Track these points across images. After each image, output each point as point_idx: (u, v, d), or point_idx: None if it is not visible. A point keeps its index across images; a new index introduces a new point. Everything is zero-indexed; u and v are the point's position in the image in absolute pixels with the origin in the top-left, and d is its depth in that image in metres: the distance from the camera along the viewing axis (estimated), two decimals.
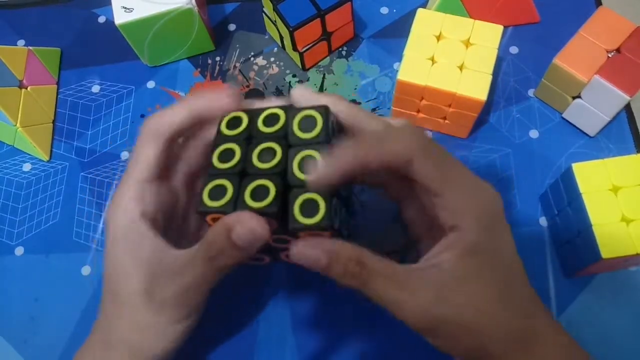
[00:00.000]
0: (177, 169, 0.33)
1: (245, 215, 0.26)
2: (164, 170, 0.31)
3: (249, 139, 0.29)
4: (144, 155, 0.30)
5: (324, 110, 0.28)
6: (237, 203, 0.26)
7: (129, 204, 0.29)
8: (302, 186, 0.26)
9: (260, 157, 0.27)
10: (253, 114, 0.29)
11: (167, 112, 0.31)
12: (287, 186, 0.27)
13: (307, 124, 0.27)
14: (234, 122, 0.29)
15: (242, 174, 0.27)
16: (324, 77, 0.49)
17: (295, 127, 0.28)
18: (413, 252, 0.32)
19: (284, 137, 0.28)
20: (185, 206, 0.33)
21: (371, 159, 0.26)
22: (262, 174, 0.27)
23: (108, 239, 0.30)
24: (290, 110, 0.28)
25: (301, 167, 0.27)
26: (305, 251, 0.26)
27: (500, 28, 0.41)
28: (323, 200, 0.26)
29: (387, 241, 0.33)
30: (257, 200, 0.26)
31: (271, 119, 0.29)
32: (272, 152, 0.27)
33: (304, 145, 0.27)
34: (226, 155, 0.28)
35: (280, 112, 0.29)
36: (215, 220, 0.27)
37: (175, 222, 0.33)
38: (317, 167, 0.26)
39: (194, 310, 0.30)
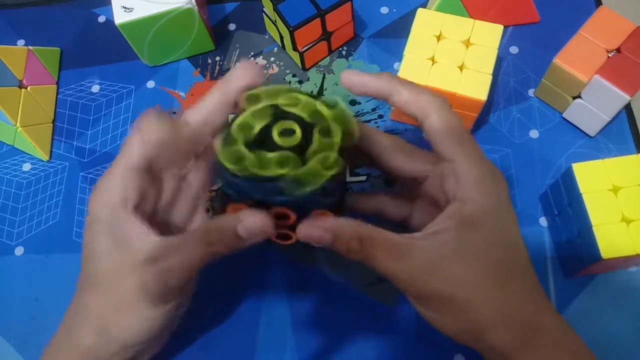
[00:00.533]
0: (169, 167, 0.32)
1: (255, 212, 0.27)
2: (152, 164, 0.31)
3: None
4: (133, 143, 0.30)
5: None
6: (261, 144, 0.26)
7: (111, 188, 0.29)
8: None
9: (283, 133, 0.27)
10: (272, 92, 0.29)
11: (201, 102, 0.31)
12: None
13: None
14: (253, 99, 0.28)
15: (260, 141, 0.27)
16: (324, 77, 0.49)
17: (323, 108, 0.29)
18: None
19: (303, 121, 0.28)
20: (170, 199, 0.33)
21: (399, 95, 0.29)
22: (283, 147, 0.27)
23: (87, 220, 0.30)
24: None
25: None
26: (310, 231, 0.27)
27: (500, 28, 0.41)
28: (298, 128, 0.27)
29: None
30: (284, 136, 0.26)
31: (288, 132, 0.28)
32: (292, 130, 0.27)
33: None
34: (247, 129, 0.27)
35: (296, 127, 0.28)
36: (235, 210, 0.27)
37: (159, 215, 0.32)
38: (353, 74, 0.29)
39: (173, 296, 0.29)
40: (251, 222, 0.27)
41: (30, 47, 0.48)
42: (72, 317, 0.31)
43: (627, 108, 0.44)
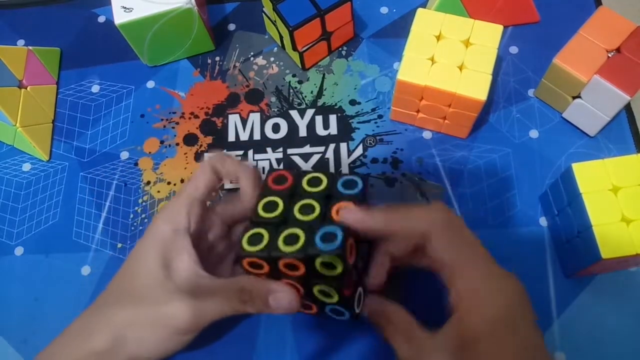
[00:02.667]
0: (225, 210, 0.36)
1: (288, 289, 0.30)
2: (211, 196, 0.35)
3: (293, 195, 0.32)
4: (201, 176, 0.34)
5: (366, 176, 0.34)
6: (271, 247, 0.29)
7: (178, 215, 0.32)
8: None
9: (302, 211, 0.31)
10: (298, 175, 0.33)
11: (230, 156, 0.35)
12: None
13: (349, 184, 0.32)
14: (280, 180, 0.33)
15: (281, 223, 0.31)
16: (323, 77, 0.49)
17: (339, 185, 0.32)
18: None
19: (325, 197, 0.32)
20: (215, 242, 0.36)
21: (395, 225, 0.31)
22: (299, 223, 0.30)
23: (148, 231, 0.32)
24: (333, 174, 0.33)
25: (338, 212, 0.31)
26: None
27: (500, 28, 0.41)
28: (342, 231, 0.29)
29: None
30: (288, 244, 0.29)
31: (314, 182, 0.33)
32: (312, 207, 0.31)
33: (343, 198, 0.31)
34: (270, 207, 0.31)
35: (323, 176, 0.33)
36: (250, 264, 0.30)
37: (202, 251, 0.34)
38: (353, 211, 0.30)
39: (197, 331, 0.31)
40: (282, 297, 0.30)
41: (30, 47, 0.48)
42: (90, 318, 0.32)
43: (627, 108, 0.44)
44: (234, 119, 0.47)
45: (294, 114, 0.47)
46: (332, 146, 0.45)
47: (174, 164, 0.46)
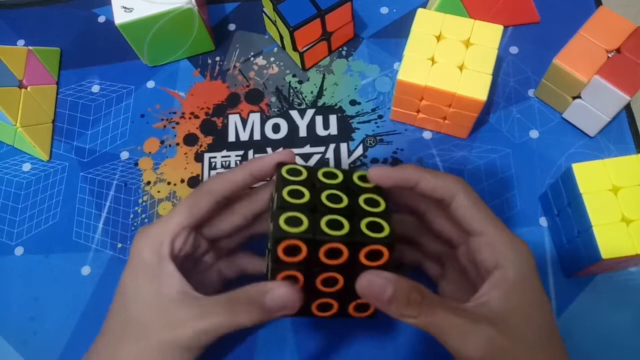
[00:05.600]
0: (211, 230, 0.35)
1: (283, 282, 0.28)
2: (204, 223, 0.34)
3: (313, 185, 0.31)
4: (193, 204, 0.32)
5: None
6: (315, 230, 0.27)
7: (161, 242, 0.31)
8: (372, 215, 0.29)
9: (329, 199, 0.29)
10: (310, 169, 0.32)
11: (227, 172, 0.34)
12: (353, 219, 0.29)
13: (364, 178, 0.32)
14: (294, 172, 0.31)
15: (313, 209, 0.29)
16: (324, 77, 0.49)
17: (355, 179, 0.32)
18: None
19: (347, 188, 0.31)
20: (207, 264, 0.36)
21: (426, 180, 0.31)
22: (332, 211, 0.29)
23: (134, 263, 0.31)
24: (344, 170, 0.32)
25: (367, 203, 0.30)
26: (373, 279, 0.27)
27: (500, 28, 0.41)
28: (386, 222, 0.29)
29: None
30: (333, 229, 0.27)
31: (330, 175, 0.32)
32: (339, 197, 0.30)
33: (366, 190, 0.31)
34: (296, 194, 0.29)
35: (337, 171, 0.32)
36: (286, 250, 0.27)
37: (195, 275, 0.34)
38: (379, 169, 0.32)
39: (199, 351, 0.30)
40: (279, 292, 0.28)
41: (30, 47, 0.48)
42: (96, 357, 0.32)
43: (627, 108, 0.44)
44: (234, 119, 0.47)
45: (294, 114, 0.47)
46: (332, 146, 0.45)
47: (174, 164, 0.46)
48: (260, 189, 0.36)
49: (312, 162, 0.45)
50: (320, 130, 0.46)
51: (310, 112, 0.47)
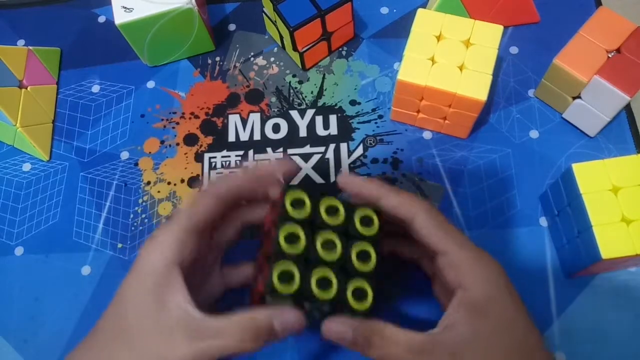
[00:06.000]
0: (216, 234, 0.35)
1: (289, 308, 0.29)
2: (209, 228, 0.33)
3: (312, 222, 0.31)
4: (197, 207, 0.32)
5: (380, 211, 0.32)
6: (303, 291, 0.29)
7: (169, 247, 0.30)
8: (360, 275, 0.31)
9: (324, 247, 0.31)
10: (315, 199, 0.32)
11: (232, 176, 0.33)
12: (344, 273, 0.31)
13: (366, 221, 0.32)
14: (298, 203, 0.31)
15: (306, 259, 0.30)
16: (324, 77, 0.49)
17: (356, 221, 0.32)
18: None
19: (344, 231, 0.32)
20: (208, 269, 0.35)
21: (388, 199, 0.32)
22: (324, 263, 0.30)
23: (138, 269, 0.30)
24: (349, 204, 0.32)
25: (359, 258, 0.31)
26: (334, 327, 0.30)
27: (500, 28, 0.41)
28: (371, 289, 0.30)
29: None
30: (322, 288, 0.30)
31: (332, 210, 0.32)
32: (334, 244, 0.31)
33: (361, 239, 0.31)
34: (292, 239, 0.30)
35: (339, 205, 0.32)
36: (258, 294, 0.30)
37: (195, 280, 0.34)
38: (348, 177, 0.33)
39: None
40: (288, 316, 0.29)
41: (30, 47, 0.48)
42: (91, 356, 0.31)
43: (627, 108, 0.44)
44: (234, 119, 0.47)
45: (294, 114, 0.47)
46: (332, 146, 0.45)
47: (174, 164, 0.46)
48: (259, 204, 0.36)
49: (312, 162, 0.45)
50: (320, 130, 0.46)
51: (310, 112, 0.47)
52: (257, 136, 0.47)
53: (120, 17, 0.44)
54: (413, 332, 0.29)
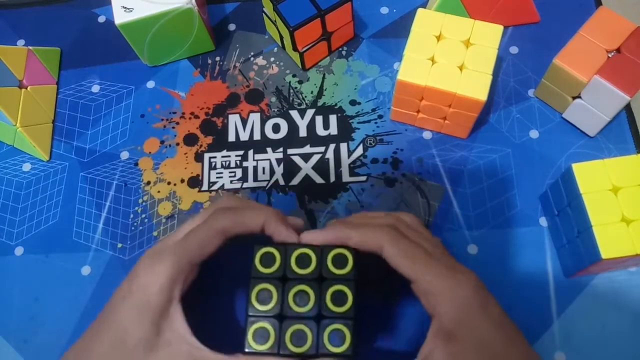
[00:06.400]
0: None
1: None
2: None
3: (283, 277, 0.32)
4: (208, 245, 0.32)
5: (355, 251, 0.32)
6: (280, 345, 0.30)
7: (174, 279, 0.30)
8: (338, 318, 0.31)
9: (296, 300, 0.31)
10: (285, 250, 0.32)
11: (246, 214, 0.33)
12: (321, 319, 0.31)
13: (340, 260, 0.32)
14: (268, 260, 0.32)
15: (280, 315, 0.31)
16: (324, 77, 0.49)
17: (329, 264, 0.32)
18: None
19: (316, 279, 0.32)
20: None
21: (353, 239, 0.32)
22: (299, 317, 0.31)
23: (133, 300, 0.30)
24: (322, 249, 0.32)
25: (333, 301, 0.31)
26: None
27: (500, 28, 0.41)
28: (349, 332, 0.30)
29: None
30: (296, 345, 0.30)
31: (304, 260, 0.32)
32: (307, 295, 0.31)
33: (335, 280, 0.32)
34: (264, 296, 0.31)
35: (311, 253, 0.32)
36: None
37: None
38: (309, 234, 0.33)
39: None
40: None
41: (30, 47, 0.48)
42: None
43: (627, 108, 0.44)
44: (234, 119, 0.47)
45: (294, 114, 0.47)
46: (332, 146, 0.45)
47: (174, 164, 0.46)
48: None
49: (312, 162, 0.45)
50: (320, 130, 0.46)
51: (310, 112, 0.47)
52: (257, 136, 0.47)
53: (120, 17, 0.44)
54: None
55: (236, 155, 0.46)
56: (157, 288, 0.30)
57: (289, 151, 0.46)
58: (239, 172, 0.45)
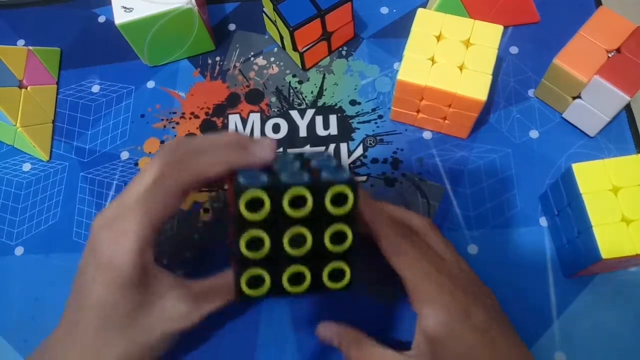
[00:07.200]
0: None
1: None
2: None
3: (275, 222, 0.27)
4: (168, 207, 0.29)
5: (355, 185, 0.28)
6: (276, 289, 0.28)
7: (143, 251, 0.28)
8: (334, 258, 0.28)
9: (292, 244, 0.27)
10: (275, 193, 0.27)
11: (203, 160, 0.29)
12: (319, 258, 0.28)
13: (339, 199, 0.28)
14: (255, 204, 0.26)
15: (275, 259, 0.28)
16: (324, 77, 0.49)
17: (327, 203, 0.27)
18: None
19: (312, 220, 0.27)
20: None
21: (364, 214, 0.32)
22: (295, 259, 0.28)
23: (113, 277, 0.28)
24: (318, 188, 0.28)
25: (332, 241, 0.28)
26: (322, 332, 0.34)
27: (500, 28, 0.41)
28: (349, 268, 0.29)
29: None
30: (293, 285, 0.28)
31: (299, 201, 0.27)
32: (303, 238, 0.27)
33: (333, 219, 0.28)
34: (255, 244, 0.27)
35: (307, 193, 0.27)
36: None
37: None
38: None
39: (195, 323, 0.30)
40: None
41: (31, 47, 0.48)
42: (60, 342, 0.30)
43: (627, 108, 0.44)
44: (234, 119, 0.47)
45: (294, 114, 0.47)
46: (332, 146, 0.45)
47: None
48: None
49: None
50: (320, 130, 0.46)
51: (310, 112, 0.47)
52: (257, 136, 0.47)
53: (120, 17, 0.44)
54: (390, 351, 0.31)
55: None
56: (129, 263, 0.28)
57: (289, 151, 0.46)
58: None
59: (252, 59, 0.50)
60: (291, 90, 0.48)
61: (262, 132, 0.47)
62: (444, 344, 0.30)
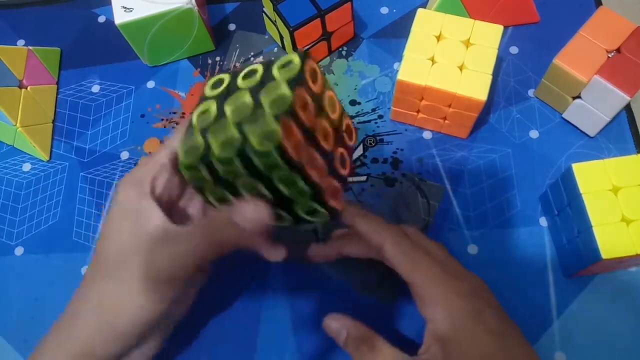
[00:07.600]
0: None
1: (249, 200, 0.28)
2: None
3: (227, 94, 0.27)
4: (173, 142, 0.31)
5: (305, 56, 0.27)
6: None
7: (142, 179, 0.31)
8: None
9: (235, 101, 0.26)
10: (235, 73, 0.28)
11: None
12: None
13: (287, 66, 0.27)
14: (217, 83, 0.28)
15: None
16: None
17: (275, 71, 0.27)
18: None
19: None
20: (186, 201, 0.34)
21: (359, 224, 0.32)
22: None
23: (113, 205, 0.31)
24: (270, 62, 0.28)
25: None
26: (332, 324, 0.32)
27: (500, 28, 0.41)
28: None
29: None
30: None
31: (250, 73, 0.27)
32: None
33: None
34: (204, 114, 0.27)
35: (259, 67, 0.27)
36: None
37: (176, 211, 0.33)
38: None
39: (175, 285, 0.30)
40: (246, 209, 0.28)
41: (31, 47, 0.48)
42: (76, 303, 0.32)
43: (627, 108, 0.44)
44: None
45: None
46: None
47: None
48: None
49: None
50: None
51: None
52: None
53: (120, 17, 0.44)
54: (401, 353, 0.30)
55: None
56: (127, 188, 0.30)
57: None
58: None
59: (252, 59, 0.50)
60: None
61: None
62: (458, 346, 0.29)
